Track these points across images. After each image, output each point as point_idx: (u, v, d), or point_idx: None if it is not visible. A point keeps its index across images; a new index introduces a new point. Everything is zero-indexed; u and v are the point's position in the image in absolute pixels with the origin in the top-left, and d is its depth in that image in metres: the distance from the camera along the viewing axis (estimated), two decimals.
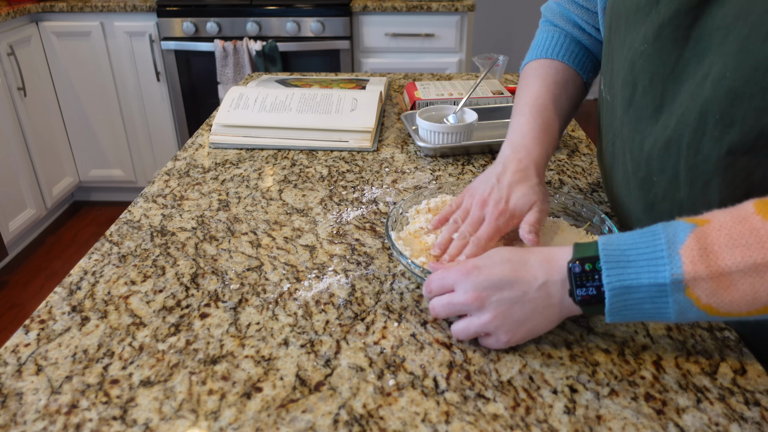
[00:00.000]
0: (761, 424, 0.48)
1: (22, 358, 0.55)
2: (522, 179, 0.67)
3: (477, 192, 0.68)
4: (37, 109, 2.51)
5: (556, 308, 0.53)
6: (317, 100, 1.09)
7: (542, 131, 0.72)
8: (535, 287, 0.52)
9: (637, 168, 0.64)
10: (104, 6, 2.47)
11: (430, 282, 0.57)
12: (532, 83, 0.78)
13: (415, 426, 0.48)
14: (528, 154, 0.69)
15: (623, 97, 0.64)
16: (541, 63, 0.81)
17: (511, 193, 0.66)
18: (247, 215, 0.80)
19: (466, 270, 0.55)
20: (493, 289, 0.53)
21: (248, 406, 0.50)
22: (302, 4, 2.43)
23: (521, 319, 0.53)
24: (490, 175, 0.69)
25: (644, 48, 0.59)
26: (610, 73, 0.68)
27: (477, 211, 0.66)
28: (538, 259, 0.53)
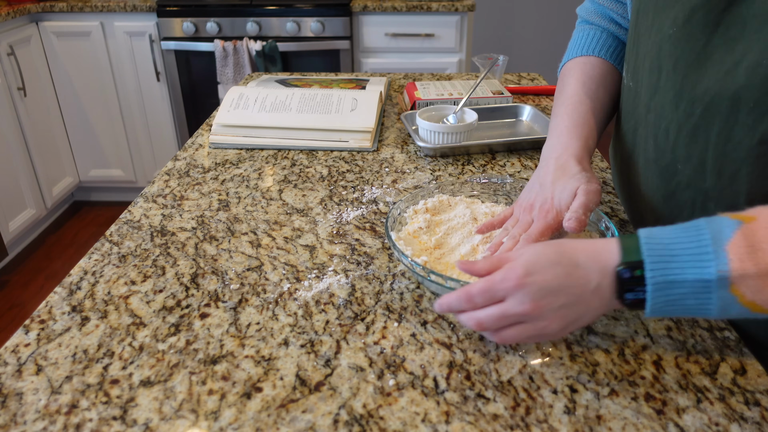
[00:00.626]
0: (761, 424, 0.48)
1: (22, 358, 0.55)
2: (562, 175, 0.66)
3: (524, 200, 0.68)
4: (37, 109, 2.51)
5: (605, 306, 0.52)
6: (317, 100, 1.09)
7: (577, 125, 0.71)
8: (589, 290, 0.51)
9: (660, 155, 0.63)
10: (104, 6, 2.47)
11: (474, 297, 0.53)
12: (567, 83, 0.78)
13: (415, 426, 0.48)
14: (565, 150, 0.69)
15: (650, 83, 0.63)
16: (576, 61, 0.81)
17: (554, 189, 0.65)
18: (247, 215, 0.80)
19: (517, 280, 0.51)
20: (551, 296, 0.51)
21: (248, 406, 0.50)
22: (302, 4, 2.43)
23: (574, 319, 0.52)
24: (532, 182, 0.69)
25: (672, 32, 0.59)
26: (634, 58, 0.67)
27: (525, 215, 0.66)
28: (587, 258, 0.52)
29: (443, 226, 0.72)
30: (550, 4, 3.80)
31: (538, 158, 0.97)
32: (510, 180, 0.79)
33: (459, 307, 0.54)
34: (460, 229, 0.72)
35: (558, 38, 3.87)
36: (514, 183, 0.79)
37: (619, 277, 0.50)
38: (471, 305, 0.53)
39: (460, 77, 1.45)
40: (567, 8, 3.80)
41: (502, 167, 0.94)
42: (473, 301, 0.53)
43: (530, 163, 0.96)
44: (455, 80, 1.33)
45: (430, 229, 0.72)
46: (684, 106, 0.58)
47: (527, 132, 1.09)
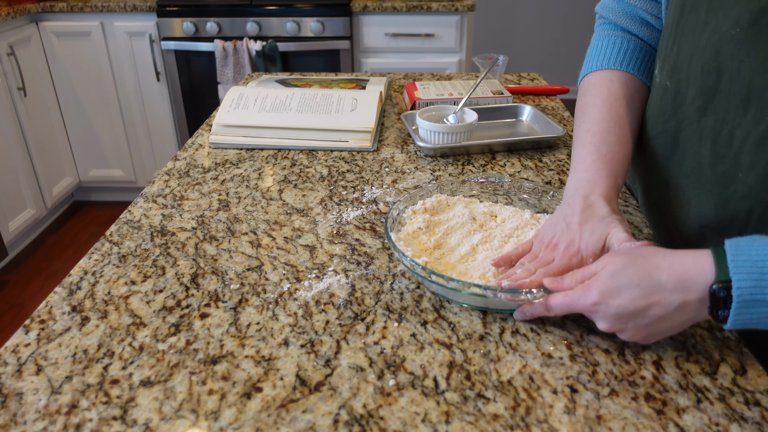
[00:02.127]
0: (761, 424, 0.48)
1: (22, 358, 0.55)
2: (590, 216, 0.62)
3: (546, 237, 0.64)
4: (37, 109, 2.51)
5: (693, 319, 0.52)
6: (317, 100, 1.09)
7: (606, 161, 0.67)
8: (671, 310, 0.50)
9: (719, 161, 0.60)
10: (104, 6, 2.47)
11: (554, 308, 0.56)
12: (592, 104, 0.73)
13: (415, 426, 0.48)
14: (593, 190, 0.64)
15: (704, 85, 0.60)
16: (601, 76, 0.74)
17: (582, 232, 0.61)
18: (247, 215, 0.80)
19: (593, 302, 0.53)
20: (627, 318, 0.52)
21: (248, 406, 0.50)
22: (302, 4, 2.43)
23: (657, 332, 0.53)
24: (557, 218, 0.65)
25: (735, 33, 0.55)
26: (675, 56, 0.64)
27: (548, 254, 0.62)
28: (671, 279, 0.50)
29: (442, 227, 0.72)
30: (550, 4, 3.80)
31: (539, 159, 0.97)
32: (508, 179, 0.79)
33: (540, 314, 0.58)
34: (459, 229, 0.72)
35: (558, 38, 3.87)
36: (512, 182, 0.79)
37: (712, 295, 0.49)
38: (551, 314, 0.57)
39: (460, 77, 1.45)
40: (567, 8, 3.80)
41: (502, 167, 0.94)
42: (553, 311, 0.57)
43: (530, 164, 0.96)
44: (455, 80, 1.33)
45: (429, 230, 0.72)
46: (754, 112, 0.55)
47: (527, 132, 1.09)
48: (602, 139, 0.68)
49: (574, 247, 0.61)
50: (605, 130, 0.69)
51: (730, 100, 0.57)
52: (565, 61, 3.87)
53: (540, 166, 0.95)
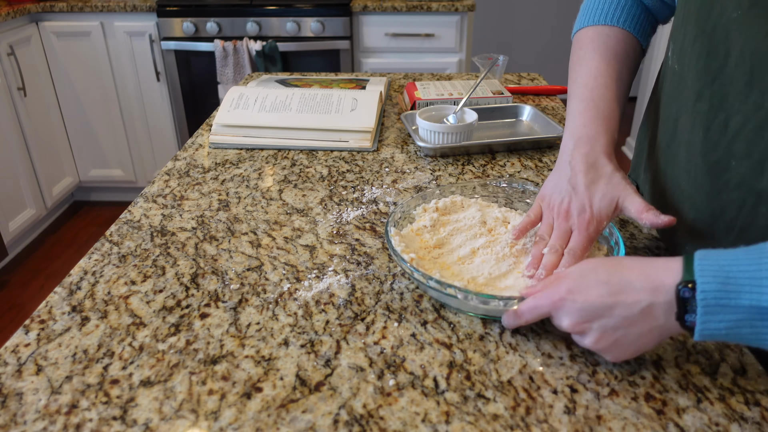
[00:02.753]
0: (761, 424, 0.48)
1: (22, 358, 0.55)
2: (596, 177, 0.62)
3: (554, 202, 0.64)
4: (37, 109, 2.51)
5: (660, 329, 0.49)
6: (317, 100, 1.09)
7: (605, 117, 0.67)
8: (637, 311, 0.48)
9: (711, 149, 0.58)
10: (104, 6, 2.47)
11: (522, 315, 0.55)
12: (589, 57, 0.72)
13: (415, 426, 0.48)
14: (593, 147, 0.64)
15: (706, 68, 0.58)
16: (598, 31, 0.73)
17: (592, 196, 0.62)
18: (247, 215, 0.80)
19: (559, 297, 0.52)
20: (591, 315, 0.50)
21: (248, 406, 0.50)
22: (302, 4, 2.43)
23: (625, 343, 0.50)
24: (560, 180, 0.65)
25: (737, 15, 0.53)
26: (682, 39, 0.62)
27: (562, 223, 0.63)
28: (639, 278, 0.49)
29: (449, 227, 0.72)
30: (550, 4, 3.80)
31: (539, 159, 0.97)
32: (532, 187, 0.76)
33: (513, 324, 0.56)
34: (465, 231, 0.71)
35: (558, 38, 3.86)
36: (534, 189, 0.76)
37: (678, 295, 0.46)
38: (522, 321, 0.55)
39: (460, 77, 1.45)
40: (567, 8, 3.80)
41: (502, 167, 0.94)
42: (523, 318, 0.55)
43: (530, 163, 0.96)
44: (455, 80, 1.33)
45: (434, 228, 0.71)
46: (755, 98, 0.53)
47: (527, 132, 1.09)
48: (600, 95, 0.68)
49: (588, 213, 0.61)
50: (602, 86, 0.69)
51: (733, 85, 0.56)
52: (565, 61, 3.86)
53: (540, 166, 0.95)
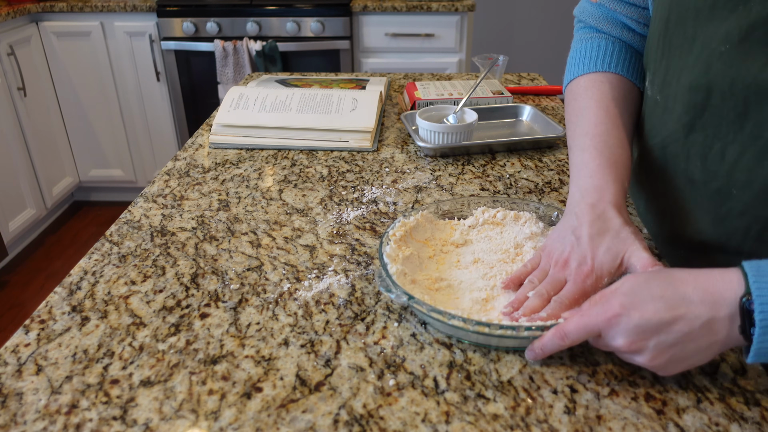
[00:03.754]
0: (761, 424, 0.48)
1: (22, 358, 0.55)
2: (602, 230, 0.58)
3: (554, 251, 0.60)
4: (37, 109, 2.51)
5: (720, 344, 0.47)
6: (317, 100, 1.09)
7: (611, 164, 0.63)
8: (697, 326, 0.46)
9: (711, 178, 0.57)
10: (104, 6, 2.47)
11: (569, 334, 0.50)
12: (585, 106, 0.69)
13: (415, 426, 0.48)
14: (601, 197, 0.60)
15: (693, 101, 0.58)
16: (592, 78, 0.71)
17: (595, 249, 0.57)
18: (247, 215, 0.80)
19: (612, 313, 0.48)
20: (648, 333, 0.47)
21: (248, 406, 0.50)
22: (302, 4, 2.43)
23: (681, 358, 0.48)
24: (564, 230, 0.61)
25: (725, 49, 0.53)
26: (664, 71, 0.61)
27: (558, 272, 0.58)
28: (697, 292, 0.46)
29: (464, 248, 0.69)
30: (550, 4, 3.80)
31: (539, 159, 0.97)
32: (542, 207, 0.73)
33: (555, 346, 0.51)
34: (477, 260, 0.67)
35: (558, 38, 3.87)
36: (546, 209, 0.73)
37: (742, 308, 0.44)
38: (568, 342, 0.50)
39: (460, 77, 1.45)
40: (567, 8, 3.80)
41: (502, 167, 0.95)
42: (569, 338, 0.50)
43: (530, 164, 0.96)
44: (455, 80, 1.33)
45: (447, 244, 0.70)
46: (751, 128, 0.53)
47: (527, 132, 1.09)
48: (603, 142, 0.65)
49: (587, 266, 0.57)
50: (604, 132, 0.66)
51: (723, 117, 0.55)
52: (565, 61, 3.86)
53: (540, 166, 0.95)
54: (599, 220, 0.59)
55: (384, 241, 0.66)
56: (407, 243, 0.67)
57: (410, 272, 0.63)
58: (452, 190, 0.87)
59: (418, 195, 0.86)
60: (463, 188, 0.88)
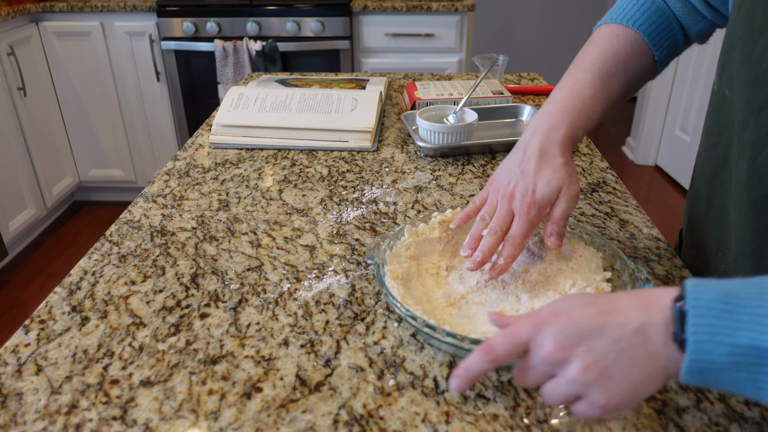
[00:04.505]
0: (761, 424, 0.48)
1: (22, 358, 0.55)
2: (544, 164, 0.62)
3: (501, 185, 0.63)
4: (37, 109, 2.51)
5: (659, 358, 0.41)
6: (317, 100, 1.09)
7: (575, 110, 0.66)
8: (629, 331, 0.41)
9: (757, 182, 0.54)
10: (104, 6, 2.47)
11: (494, 347, 0.44)
12: (589, 52, 0.71)
13: (415, 426, 0.48)
14: (550, 134, 0.64)
15: (753, 96, 0.54)
16: (611, 29, 0.72)
17: (537, 181, 0.61)
18: (247, 215, 0.80)
19: (540, 320, 0.44)
20: (578, 337, 0.42)
21: (248, 406, 0.50)
22: (302, 4, 2.43)
23: (617, 374, 0.41)
24: (512, 164, 0.64)
25: None
26: (731, 63, 0.58)
27: (505, 205, 0.62)
28: (629, 299, 0.43)
29: None
30: (550, 4, 3.80)
31: None
32: None
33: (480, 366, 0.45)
34: None
35: (558, 38, 3.87)
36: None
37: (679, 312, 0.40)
38: (493, 357, 0.44)
39: (460, 77, 1.45)
40: (567, 8, 3.80)
41: None
42: (494, 352, 0.44)
43: None
44: (455, 80, 1.33)
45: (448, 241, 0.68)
46: None
47: None
48: (580, 89, 0.67)
49: (529, 196, 0.61)
50: (587, 81, 0.68)
51: None
52: (565, 61, 3.86)
53: None
54: (542, 156, 0.63)
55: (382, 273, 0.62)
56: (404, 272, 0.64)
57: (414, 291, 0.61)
58: (452, 190, 0.87)
59: (418, 195, 0.86)
60: (463, 188, 0.88)
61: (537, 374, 0.44)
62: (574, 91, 0.67)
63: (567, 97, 0.67)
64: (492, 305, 0.60)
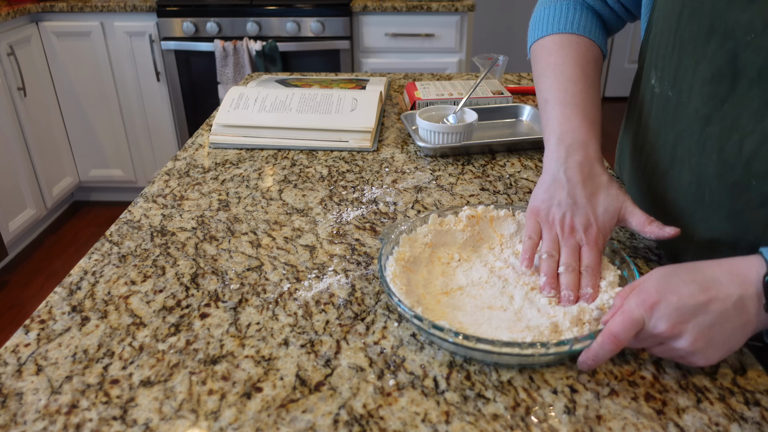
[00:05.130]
0: (761, 424, 0.48)
1: (22, 358, 0.55)
2: (595, 189, 0.61)
3: (554, 217, 0.62)
4: (37, 109, 2.51)
5: (753, 324, 0.49)
6: (317, 100, 1.09)
7: (592, 122, 0.66)
8: (730, 305, 0.48)
9: (727, 170, 0.58)
10: (104, 6, 2.47)
11: (618, 335, 0.49)
12: (563, 63, 0.70)
13: (415, 426, 0.48)
14: (586, 153, 0.63)
15: (712, 93, 0.58)
16: (566, 38, 0.72)
17: (595, 209, 0.61)
18: (247, 215, 0.80)
19: (651, 300, 0.49)
20: (687, 315, 0.48)
21: (248, 406, 0.50)
22: (302, 4, 2.43)
23: (721, 341, 0.49)
24: (557, 192, 0.63)
25: (751, 38, 0.53)
26: (675, 67, 0.62)
27: (570, 240, 0.61)
28: (723, 274, 0.49)
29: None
30: None
31: (539, 159, 0.97)
32: None
33: (609, 353, 0.50)
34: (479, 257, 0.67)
35: None
36: None
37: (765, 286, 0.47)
38: (619, 343, 0.50)
39: (460, 77, 1.45)
40: None
41: (502, 167, 0.95)
42: (619, 339, 0.49)
43: (530, 164, 0.96)
44: (455, 80, 1.33)
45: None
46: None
47: (527, 132, 1.09)
48: (584, 100, 0.67)
49: (594, 227, 0.60)
50: (583, 91, 0.68)
51: (745, 107, 0.56)
52: None
53: (540, 166, 0.95)
54: (590, 180, 0.62)
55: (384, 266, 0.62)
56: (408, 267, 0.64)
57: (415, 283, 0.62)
58: (452, 190, 0.87)
59: (418, 195, 0.86)
60: (463, 188, 0.88)
61: (647, 344, 0.51)
62: (579, 104, 0.67)
63: (578, 112, 0.66)
64: (485, 300, 0.61)
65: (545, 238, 0.62)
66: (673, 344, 0.50)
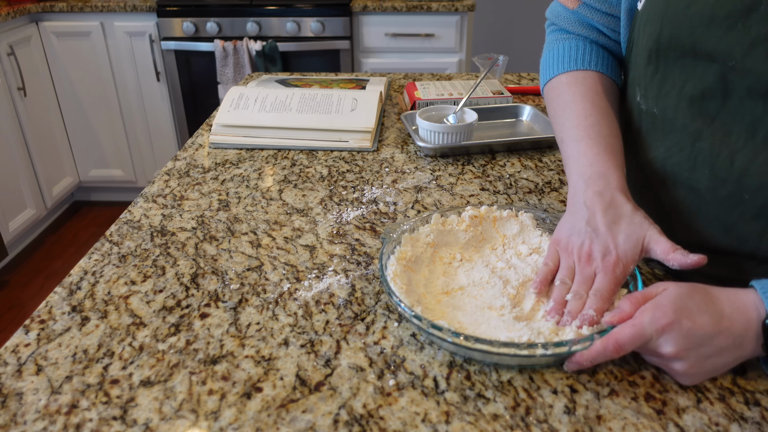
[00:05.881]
0: (761, 424, 0.48)
1: (22, 358, 0.55)
2: (616, 217, 0.59)
3: (573, 246, 0.60)
4: (37, 109, 2.51)
5: (744, 358, 0.51)
6: (317, 100, 1.09)
7: (610, 153, 0.64)
8: (731, 342, 0.50)
9: (719, 185, 0.58)
10: (104, 6, 2.47)
11: (624, 345, 0.50)
12: (572, 101, 0.70)
13: (415, 426, 0.48)
14: (607, 184, 0.61)
15: (701, 110, 0.58)
16: (574, 75, 0.72)
17: (615, 237, 0.58)
18: (247, 215, 0.80)
19: (666, 321, 0.50)
20: (694, 344, 0.50)
21: (248, 406, 0.50)
22: (302, 4, 2.43)
23: (711, 369, 0.51)
24: (577, 222, 0.61)
25: (732, 64, 0.54)
26: (658, 84, 0.62)
27: (585, 267, 0.59)
28: (732, 309, 0.51)
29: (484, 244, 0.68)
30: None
31: (539, 159, 0.97)
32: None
33: (608, 358, 0.51)
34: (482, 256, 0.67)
35: None
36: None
37: (765, 330, 0.49)
38: (622, 353, 0.51)
39: (460, 77, 1.45)
40: None
41: (502, 167, 0.95)
42: (624, 348, 0.51)
43: (530, 164, 0.96)
44: (455, 80, 1.33)
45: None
46: (764, 134, 0.54)
47: (527, 132, 1.09)
48: (597, 132, 0.65)
49: (612, 255, 0.57)
50: (596, 123, 0.66)
51: (736, 123, 0.56)
52: None
53: (540, 166, 0.95)
54: (611, 208, 0.60)
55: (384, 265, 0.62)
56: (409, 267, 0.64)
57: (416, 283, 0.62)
58: (452, 190, 0.87)
59: (418, 195, 0.86)
60: (463, 188, 0.88)
61: (642, 351, 0.53)
62: (594, 137, 0.65)
63: (593, 145, 0.64)
64: (484, 300, 0.61)
65: (562, 265, 0.61)
66: (669, 362, 0.51)
